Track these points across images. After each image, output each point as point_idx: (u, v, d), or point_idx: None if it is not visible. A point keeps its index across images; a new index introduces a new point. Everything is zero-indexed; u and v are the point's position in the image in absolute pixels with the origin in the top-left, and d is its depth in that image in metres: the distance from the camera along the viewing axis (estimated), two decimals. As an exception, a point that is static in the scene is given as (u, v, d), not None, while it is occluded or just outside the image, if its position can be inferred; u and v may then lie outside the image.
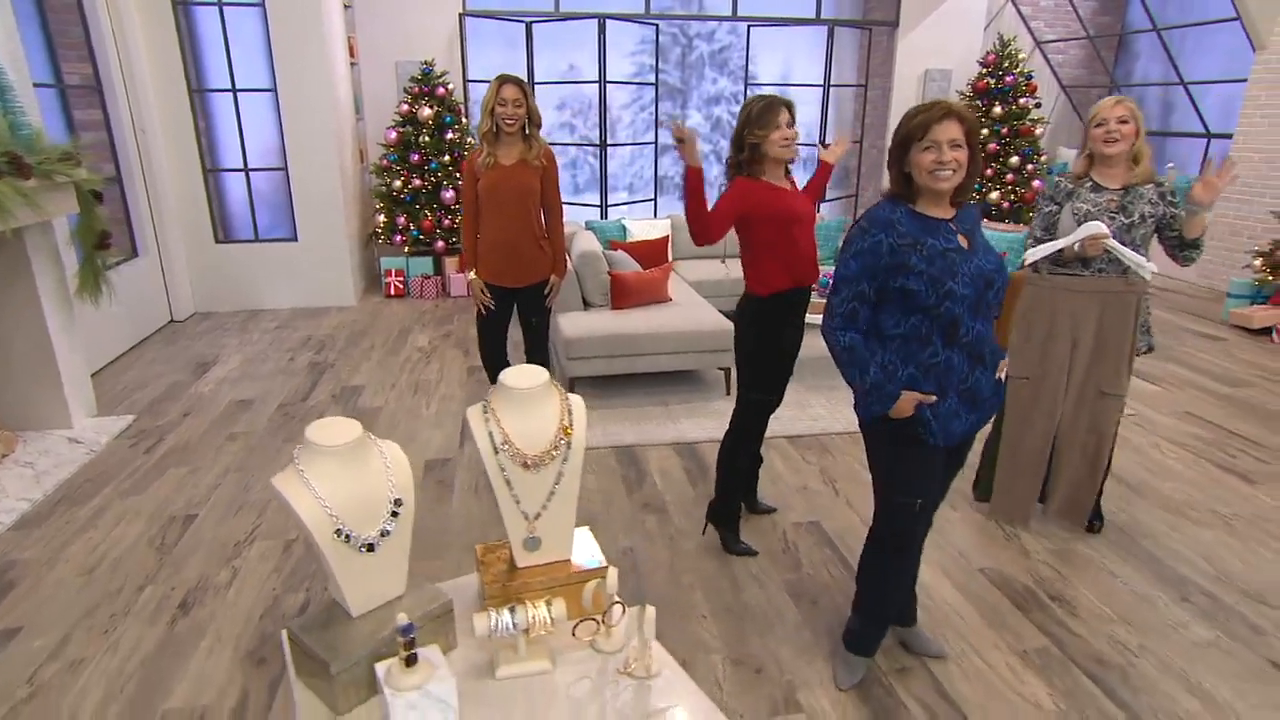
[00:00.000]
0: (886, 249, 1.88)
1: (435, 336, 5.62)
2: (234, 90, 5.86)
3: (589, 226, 5.78)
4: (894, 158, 1.93)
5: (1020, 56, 7.47)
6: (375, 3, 6.75)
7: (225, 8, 5.67)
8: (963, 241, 1.92)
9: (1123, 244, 2.61)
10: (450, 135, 6.47)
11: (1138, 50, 8.72)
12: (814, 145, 8.24)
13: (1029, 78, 7.47)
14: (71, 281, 3.96)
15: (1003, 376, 2.06)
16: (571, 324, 4.29)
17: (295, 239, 6.23)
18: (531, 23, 7.10)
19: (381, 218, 6.60)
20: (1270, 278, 5.58)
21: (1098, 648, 2.45)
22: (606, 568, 1.31)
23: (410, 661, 1.18)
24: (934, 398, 1.93)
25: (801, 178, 2.89)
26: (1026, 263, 2.76)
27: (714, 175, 9.46)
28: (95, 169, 5.03)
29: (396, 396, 4.47)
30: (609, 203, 7.82)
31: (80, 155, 3.65)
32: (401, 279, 6.68)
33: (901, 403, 1.93)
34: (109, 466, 3.61)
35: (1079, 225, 2.63)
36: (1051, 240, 2.73)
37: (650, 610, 1.26)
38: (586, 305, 4.64)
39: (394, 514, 1.28)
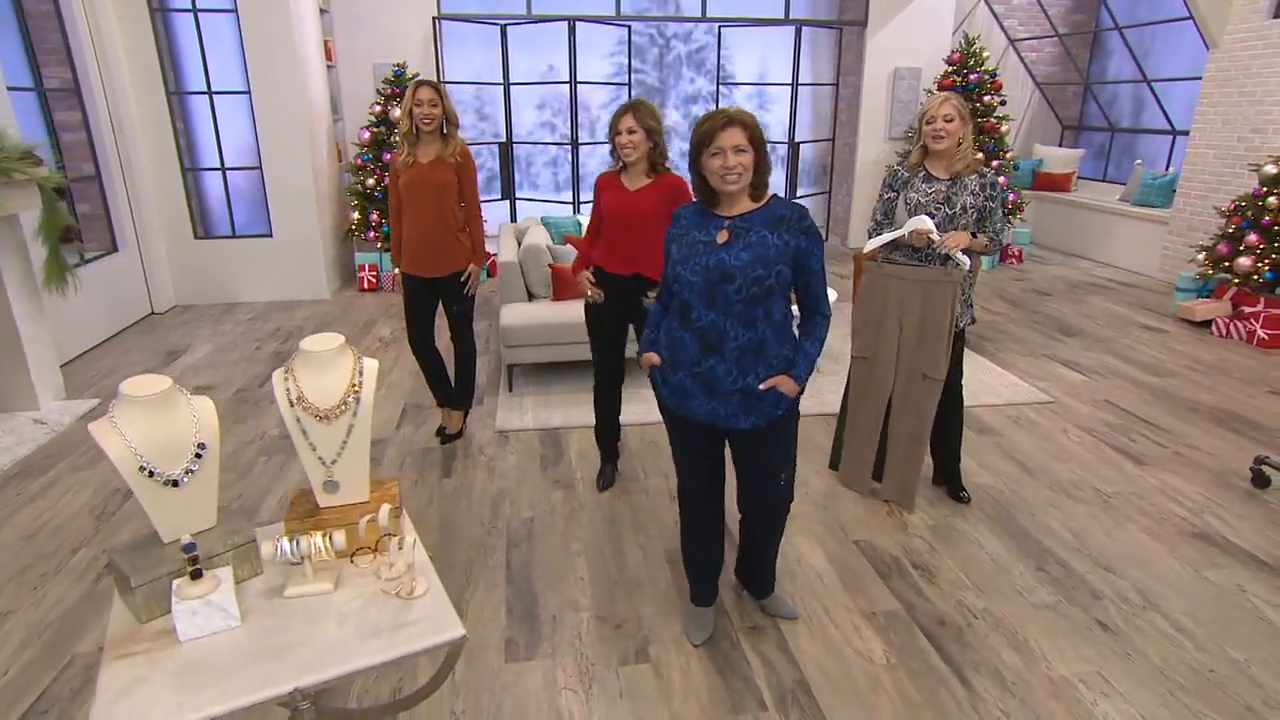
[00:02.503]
0: (671, 238, 2.20)
1: (398, 328, 5.85)
2: (210, 93, 6.13)
3: (544, 222, 5.99)
4: (691, 163, 2.13)
5: (985, 55, 7.58)
6: (351, 6, 7.01)
7: (200, 14, 5.94)
8: (722, 236, 2.06)
9: (947, 232, 2.88)
10: (421, 135, 6.71)
11: (1110, 48, 8.79)
12: (784, 143, 8.41)
13: (993, 75, 7.58)
14: (38, 274, 4.23)
15: (768, 387, 2.08)
16: (511, 313, 4.50)
17: (271, 235, 6.50)
18: (506, 25, 7.33)
19: (356, 215, 6.86)
20: (1212, 272, 5.68)
21: (943, 611, 2.62)
22: (383, 506, 1.51)
23: (196, 576, 1.40)
24: (658, 360, 2.21)
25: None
26: (865, 250, 2.99)
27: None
28: (74, 168, 5.34)
29: (348, 383, 4.70)
30: (582, 199, 8.03)
31: (40, 155, 3.90)
32: (375, 273, 6.94)
33: (643, 357, 2.27)
34: (67, 444, 3.87)
35: (910, 215, 2.88)
36: (889, 224, 3.01)
37: (409, 539, 1.47)
38: (531, 296, 4.85)
39: (198, 456, 1.49)
